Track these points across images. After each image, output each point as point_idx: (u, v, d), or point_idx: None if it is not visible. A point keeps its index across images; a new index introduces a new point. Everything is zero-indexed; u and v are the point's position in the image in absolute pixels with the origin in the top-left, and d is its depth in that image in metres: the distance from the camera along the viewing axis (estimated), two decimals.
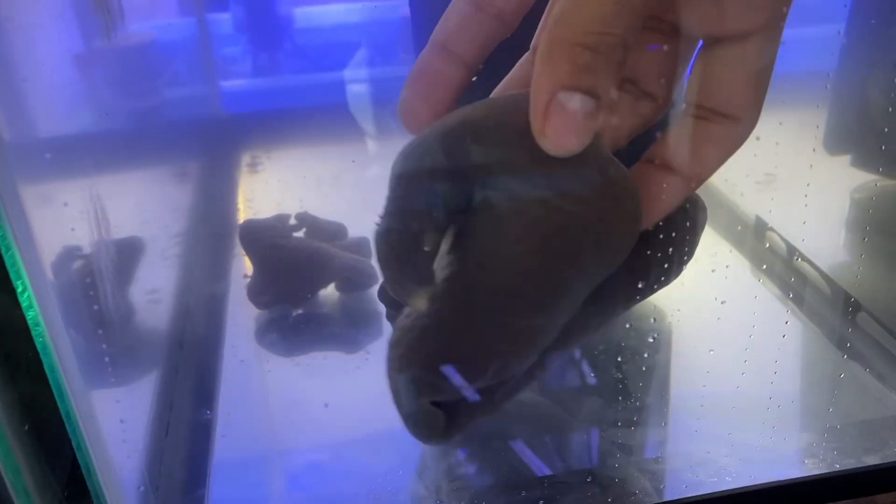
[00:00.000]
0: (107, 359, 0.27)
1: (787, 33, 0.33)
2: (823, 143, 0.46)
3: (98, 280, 0.28)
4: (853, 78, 0.43)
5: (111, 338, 0.29)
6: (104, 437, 0.26)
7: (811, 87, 0.47)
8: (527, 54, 0.31)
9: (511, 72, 0.31)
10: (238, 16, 0.70)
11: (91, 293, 0.27)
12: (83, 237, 0.31)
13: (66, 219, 0.27)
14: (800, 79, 0.47)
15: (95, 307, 0.27)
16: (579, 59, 0.24)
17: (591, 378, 0.34)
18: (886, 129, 0.39)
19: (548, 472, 0.34)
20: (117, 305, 0.32)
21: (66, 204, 0.27)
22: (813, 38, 0.49)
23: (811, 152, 0.30)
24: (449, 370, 0.28)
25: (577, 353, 0.32)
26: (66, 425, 0.24)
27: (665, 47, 0.28)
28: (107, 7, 0.36)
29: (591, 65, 0.24)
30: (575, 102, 0.24)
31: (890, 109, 0.38)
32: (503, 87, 0.31)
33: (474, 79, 0.30)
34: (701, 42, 0.27)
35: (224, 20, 0.69)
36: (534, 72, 0.25)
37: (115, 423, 0.28)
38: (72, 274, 0.29)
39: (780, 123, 0.31)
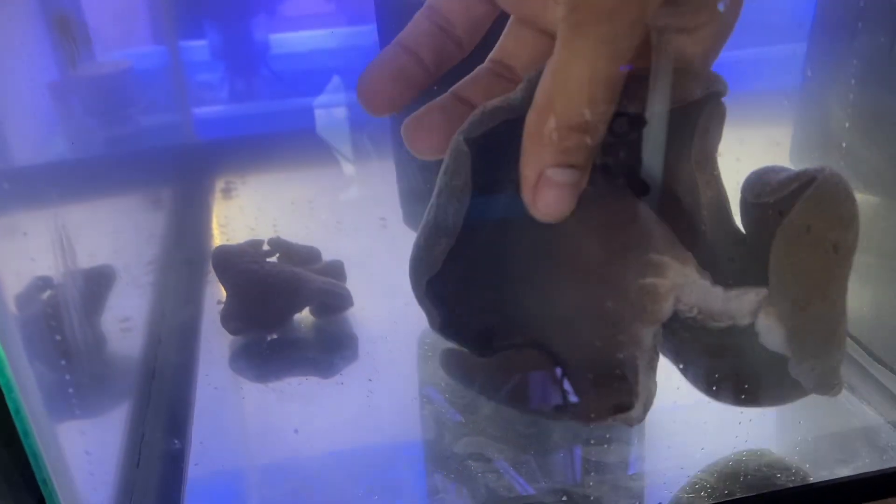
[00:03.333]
0: (71, 390, 0.27)
1: (752, 53, 0.33)
2: (790, 158, 0.47)
3: (64, 311, 0.28)
4: (816, 94, 0.44)
5: (77, 369, 0.28)
6: (71, 472, 0.26)
7: (776, 104, 0.48)
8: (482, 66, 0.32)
9: (471, 75, 0.32)
10: (214, 43, 0.70)
11: (54, 324, 0.27)
12: (49, 267, 0.31)
13: (28, 249, 0.27)
14: (765, 96, 0.48)
15: (58, 338, 0.27)
16: (568, 140, 0.26)
17: (572, 397, 0.34)
18: (844, 144, 0.39)
19: (523, 492, 0.34)
20: (85, 336, 0.32)
21: (25, 234, 0.27)
22: (777, 56, 0.50)
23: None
24: None
25: (552, 372, 0.32)
26: (31, 461, 0.24)
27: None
28: (72, 36, 0.36)
29: (577, 143, 0.26)
30: (562, 176, 0.26)
31: (847, 125, 0.39)
32: (459, 88, 0.32)
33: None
34: None
35: (200, 47, 0.69)
36: (523, 149, 0.26)
37: (81, 455, 0.28)
38: (37, 306, 0.29)
39: (742, 142, 0.32)
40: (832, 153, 0.41)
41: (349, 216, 0.58)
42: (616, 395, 0.31)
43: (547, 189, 0.26)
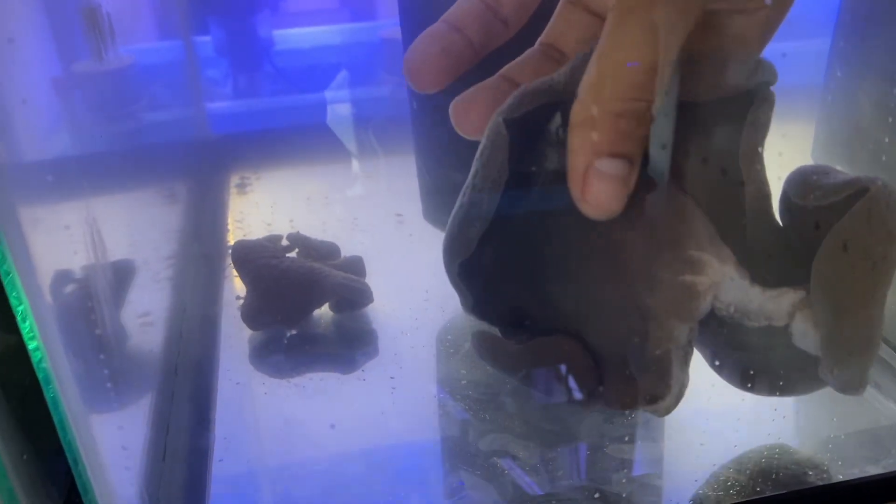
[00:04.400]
0: (109, 384, 0.26)
1: (778, 47, 0.33)
2: (812, 154, 0.46)
3: (97, 304, 0.28)
4: (840, 90, 0.43)
5: (111, 362, 0.28)
6: (105, 465, 0.26)
7: (800, 100, 0.48)
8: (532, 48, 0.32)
9: (521, 57, 0.31)
10: (218, 39, 0.70)
11: (91, 317, 0.27)
12: (78, 260, 0.30)
13: (64, 242, 0.27)
14: (790, 92, 0.48)
15: (97, 332, 0.27)
16: (615, 127, 0.25)
17: (603, 386, 0.34)
18: (887, 140, 0.39)
19: (551, 489, 0.33)
20: (114, 329, 0.32)
21: (67, 227, 0.27)
22: (801, 51, 0.50)
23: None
24: None
25: (585, 359, 0.32)
26: (67, 454, 0.24)
27: None
28: (99, 28, 0.36)
29: (626, 132, 0.25)
30: (612, 167, 0.25)
31: (888, 120, 0.39)
32: (508, 70, 0.32)
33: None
34: None
35: (205, 43, 0.69)
36: (570, 140, 0.25)
37: (117, 449, 0.28)
38: (67, 298, 0.29)
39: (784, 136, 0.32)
40: (859, 151, 0.41)
41: (365, 212, 0.57)
42: (648, 386, 0.30)
43: (596, 181, 0.26)
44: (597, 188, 0.26)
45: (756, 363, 0.31)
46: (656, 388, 0.30)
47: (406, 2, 0.44)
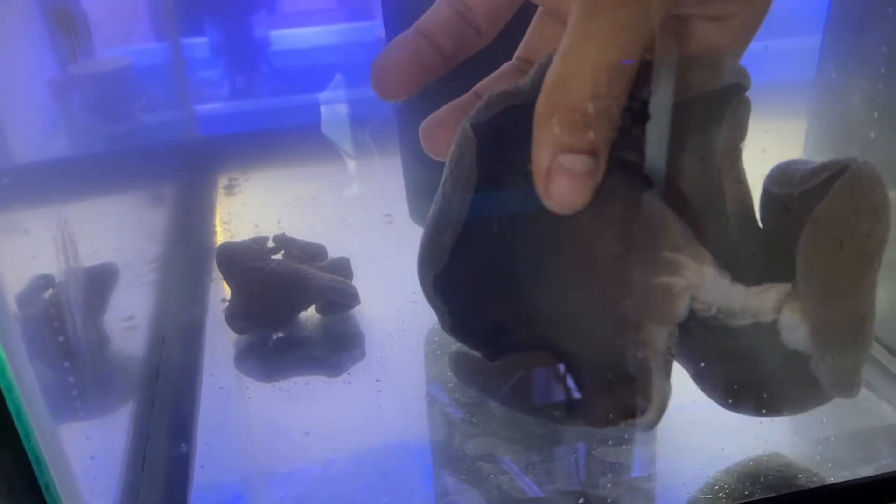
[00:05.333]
0: (75, 392, 0.26)
1: (765, 44, 0.33)
2: (803, 151, 0.46)
3: (66, 310, 0.27)
4: (833, 86, 0.43)
5: (80, 370, 0.28)
6: (74, 476, 0.25)
7: (791, 96, 0.47)
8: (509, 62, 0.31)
9: (495, 73, 0.31)
10: (214, 40, 0.70)
11: (57, 325, 0.26)
12: (51, 266, 0.30)
13: (30, 248, 0.26)
14: (780, 88, 0.47)
15: (61, 339, 0.26)
16: (577, 122, 0.25)
17: (584, 401, 0.33)
18: (873, 135, 0.38)
19: (539, 493, 0.33)
20: (88, 335, 0.31)
21: (27, 231, 0.26)
22: (793, 48, 0.50)
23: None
24: None
25: (563, 375, 0.32)
26: (33, 465, 0.23)
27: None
28: (73, 29, 0.35)
29: (588, 127, 0.25)
30: (575, 163, 0.25)
31: (875, 115, 0.38)
32: (481, 86, 0.32)
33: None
34: None
35: (200, 44, 0.69)
36: (535, 135, 0.25)
37: (85, 459, 0.27)
38: (39, 305, 0.28)
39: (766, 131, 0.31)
40: (851, 146, 0.40)
41: (354, 213, 0.57)
42: (629, 399, 0.30)
43: (559, 177, 0.25)
44: (559, 183, 0.26)
45: (741, 373, 0.31)
46: (637, 400, 0.29)
47: (389, 3, 0.44)
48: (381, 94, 0.30)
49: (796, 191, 0.27)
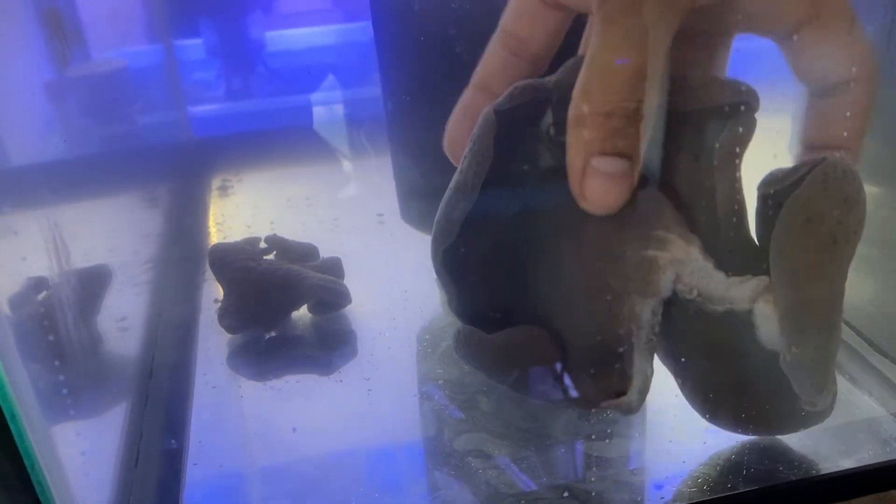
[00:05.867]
0: (66, 391, 0.26)
1: (752, 44, 0.33)
2: (788, 147, 0.46)
3: (58, 311, 0.28)
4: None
5: (73, 369, 0.28)
6: (67, 473, 0.26)
7: (776, 93, 0.48)
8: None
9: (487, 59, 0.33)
10: (210, 41, 0.70)
11: (47, 324, 0.27)
12: (44, 268, 0.30)
13: (21, 249, 0.27)
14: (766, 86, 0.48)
15: (52, 338, 0.27)
16: (605, 126, 0.26)
17: (573, 392, 0.34)
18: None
19: (525, 487, 0.33)
20: (81, 336, 0.32)
21: (16, 233, 0.26)
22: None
23: (772, 158, 0.30)
24: None
25: (557, 356, 0.32)
26: (26, 464, 0.24)
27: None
28: (63, 32, 0.36)
29: (617, 130, 0.26)
30: (608, 165, 0.26)
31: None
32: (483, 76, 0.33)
33: None
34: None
35: (195, 46, 0.69)
36: (568, 138, 0.26)
37: (77, 456, 0.28)
38: (32, 306, 0.29)
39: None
40: None
41: (346, 213, 0.57)
42: (611, 380, 0.31)
43: (594, 179, 0.26)
44: (593, 185, 0.27)
45: (720, 374, 0.31)
46: (620, 382, 0.30)
47: (377, 7, 0.44)
48: (455, 159, 0.32)
49: (778, 187, 0.28)
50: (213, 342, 0.44)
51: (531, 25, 0.31)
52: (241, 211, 0.58)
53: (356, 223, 0.56)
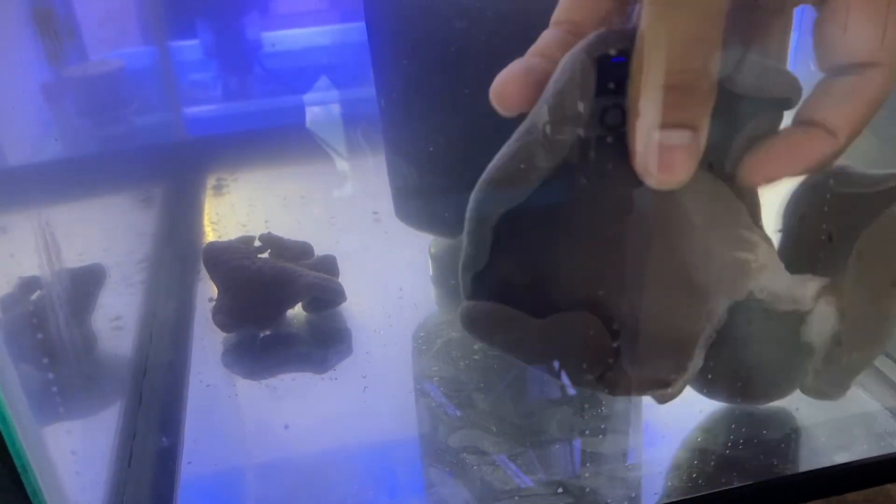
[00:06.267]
0: (55, 388, 0.26)
1: None
2: None
3: (49, 311, 0.28)
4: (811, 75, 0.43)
5: (64, 369, 0.28)
6: (58, 472, 0.25)
7: None
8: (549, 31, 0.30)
9: (541, 41, 0.30)
10: (206, 42, 0.70)
11: (35, 321, 0.26)
12: (36, 267, 0.30)
13: (14, 249, 0.26)
14: None
15: (40, 336, 0.26)
16: (665, 98, 0.25)
17: (571, 389, 0.34)
18: None
19: (520, 483, 0.33)
20: (73, 335, 0.32)
21: (4, 231, 0.26)
22: None
23: None
24: None
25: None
26: (16, 463, 0.24)
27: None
28: (54, 30, 0.36)
29: (678, 101, 0.25)
30: (672, 138, 0.25)
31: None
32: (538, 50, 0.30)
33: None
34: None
35: (192, 47, 0.69)
36: (630, 111, 0.26)
37: (70, 457, 0.27)
38: (23, 307, 0.29)
39: None
40: None
41: (341, 211, 0.57)
42: (664, 368, 0.30)
43: (658, 153, 0.25)
44: (657, 159, 0.26)
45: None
46: (671, 370, 0.29)
47: (371, 9, 0.44)
48: (501, 108, 0.29)
49: (859, 190, 0.28)
50: (208, 341, 0.44)
51: (586, 9, 0.30)
52: (236, 210, 0.58)
53: (351, 221, 0.56)
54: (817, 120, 0.27)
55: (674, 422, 0.35)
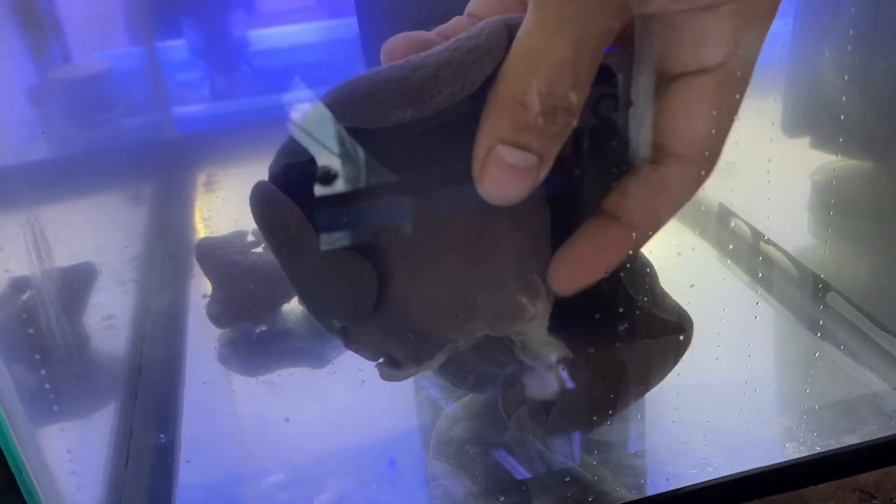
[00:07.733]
0: (48, 385, 0.25)
1: None
2: (781, 126, 0.46)
3: (41, 311, 0.27)
4: (806, 63, 0.43)
5: (56, 369, 0.27)
6: (53, 472, 0.25)
7: (765, 77, 0.47)
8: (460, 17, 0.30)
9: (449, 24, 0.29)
10: (193, 41, 0.69)
11: (26, 317, 0.26)
12: (26, 268, 0.30)
13: (6, 250, 0.26)
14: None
15: (36, 339, 0.26)
16: (518, 116, 0.24)
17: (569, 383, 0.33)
18: (842, 117, 0.39)
19: (526, 475, 0.33)
20: (65, 334, 0.31)
21: None
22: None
23: (769, 141, 0.29)
24: None
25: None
26: (10, 462, 0.23)
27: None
28: (39, 23, 0.35)
29: (530, 123, 0.24)
30: (512, 157, 0.24)
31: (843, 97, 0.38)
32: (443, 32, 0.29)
33: None
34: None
35: (178, 46, 0.68)
36: (480, 120, 0.24)
37: (66, 457, 0.27)
38: (14, 307, 0.28)
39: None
40: (825, 121, 0.40)
41: None
42: (402, 353, 0.31)
43: (494, 167, 0.24)
44: (492, 173, 0.24)
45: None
46: (410, 358, 0.30)
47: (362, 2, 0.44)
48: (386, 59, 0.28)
49: None
50: (203, 337, 0.43)
51: (493, 8, 0.29)
52: (228, 205, 0.57)
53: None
54: (622, 215, 0.26)
55: (681, 406, 0.35)
